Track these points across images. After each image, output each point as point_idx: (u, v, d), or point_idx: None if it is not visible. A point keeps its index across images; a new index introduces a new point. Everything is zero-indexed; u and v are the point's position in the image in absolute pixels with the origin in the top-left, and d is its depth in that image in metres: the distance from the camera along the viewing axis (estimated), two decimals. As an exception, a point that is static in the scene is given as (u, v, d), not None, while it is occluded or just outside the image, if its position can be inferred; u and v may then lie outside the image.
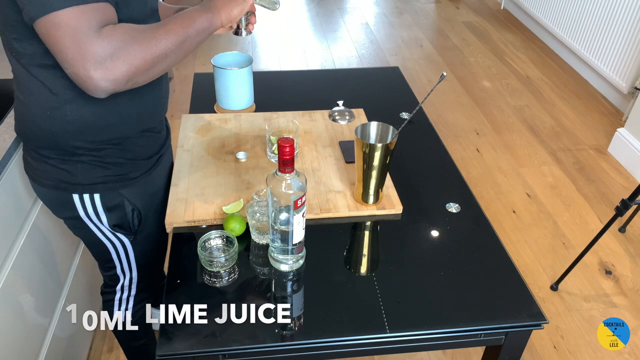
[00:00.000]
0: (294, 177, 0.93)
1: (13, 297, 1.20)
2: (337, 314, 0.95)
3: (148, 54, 0.86)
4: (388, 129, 1.12)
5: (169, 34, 0.89)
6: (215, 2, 0.97)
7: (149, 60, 0.87)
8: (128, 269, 1.26)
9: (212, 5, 0.97)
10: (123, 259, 1.24)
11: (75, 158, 1.02)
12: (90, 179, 1.06)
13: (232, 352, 0.91)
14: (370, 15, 4.44)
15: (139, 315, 1.38)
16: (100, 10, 0.83)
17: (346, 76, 1.80)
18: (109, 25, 0.84)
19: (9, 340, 1.18)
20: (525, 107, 3.11)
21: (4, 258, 1.18)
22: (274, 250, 1.02)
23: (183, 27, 0.91)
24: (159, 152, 1.17)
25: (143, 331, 1.46)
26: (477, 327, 0.94)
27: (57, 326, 1.41)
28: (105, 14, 0.84)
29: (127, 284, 1.30)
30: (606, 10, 3.02)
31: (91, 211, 1.10)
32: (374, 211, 1.17)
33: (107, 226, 1.14)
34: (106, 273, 1.29)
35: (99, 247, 1.20)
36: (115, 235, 1.17)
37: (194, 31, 0.93)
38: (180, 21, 0.91)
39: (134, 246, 1.21)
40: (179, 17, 0.92)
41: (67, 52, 0.80)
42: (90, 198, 1.08)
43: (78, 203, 1.08)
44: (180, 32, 0.91)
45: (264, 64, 3.61)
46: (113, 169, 1.06)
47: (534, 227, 2.24)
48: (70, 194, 1.07)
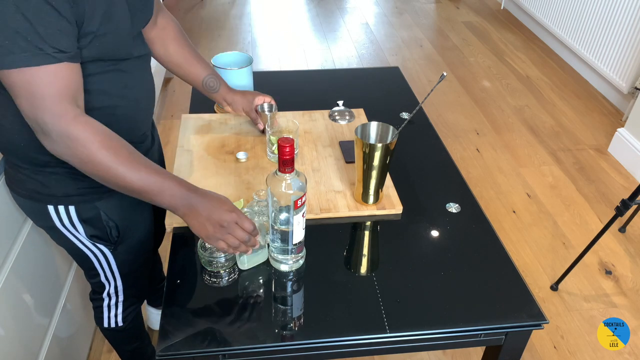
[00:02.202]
0: (294, 177, 0.93)
1: (13, 297, 1.20)
2: (337, 314, 0.95)
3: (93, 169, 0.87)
4: (388, 129, 1.12)
5: (127, 170, 0.87)
6: (197, 203, 0.91)
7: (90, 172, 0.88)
8: (112, 278, 1.23)
9: (193, 202, 0.91)
10: (106, 268, 1.21)
11: (47, 169, 1.00)
12: (63, 191, 1.03)
13: (232, 352, 0.91)
14: (370, 15, 4.44)
15: (129, 319, 1.36)
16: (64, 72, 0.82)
17: (346, 76, 1.80)
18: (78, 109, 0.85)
19: (9, 340, 1.18)
20: (525, 107, 3.11)
21: (4, 258, 1.18)
22: (274, 250, 1.02)
23: (146, 188, 0.89)
24: None
25: (136, 334, 1.44)
26: (477, 327, 0.94)
27: (57, 326, 1.41)
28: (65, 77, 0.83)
29: (112, 291, 1.27)
30: (606, 10, 3.02)
31: (67, 222, 1.08)
32: (374, 211, 1.17)
33: (84, 236, 1.11)
34: (91, 280, 1.27)
35: (80, 255, 1.17)
36: (94, 245, 1.14)
37: (150, 194, 0.90)
38: (151, 173, 0.89)
39: (115, 256, 1.18)
40: (155, 169, 0.90)
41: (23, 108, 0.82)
42: (65, 209, 1.06)
43: (53, 214, 1.06)
44: (136, 180, 0.88)
45: (264, 64, 3.61)
46: (86, 181, 1.01)
47: (534, 227, 2.24)
48: (45, 204, 1.05)
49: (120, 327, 1.35)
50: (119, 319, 1.34)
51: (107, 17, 0.87)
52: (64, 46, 0.82)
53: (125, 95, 1.00)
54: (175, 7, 4.43)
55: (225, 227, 0.91)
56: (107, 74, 0.95)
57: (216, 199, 0.93)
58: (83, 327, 1.62)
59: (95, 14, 0.85)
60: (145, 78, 1.08)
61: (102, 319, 1.34)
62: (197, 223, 0.92)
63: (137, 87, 1.04)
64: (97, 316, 1.35)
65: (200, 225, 0.91)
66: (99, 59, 0.92)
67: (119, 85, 0.98)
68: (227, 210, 0.92)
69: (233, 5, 4.56)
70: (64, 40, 0.81)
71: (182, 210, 0.92)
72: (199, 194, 0.92)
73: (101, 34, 0.88)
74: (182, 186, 0.92)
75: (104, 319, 1.34)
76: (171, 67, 1.25)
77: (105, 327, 1.35)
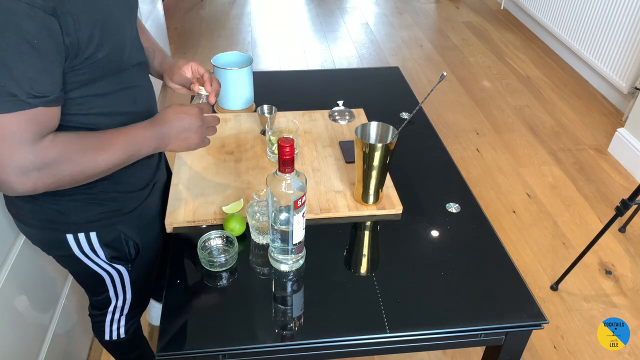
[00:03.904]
0: (294, 177, 0.93)
1: (13, 297, 1.20)
2: (337, 314, 0.95)
3: (79, 174, 0.85)
4: (388, 129, 1.12)
5: (110, 156, 0.87)
6: (168, 128, 0.93)
7: (78, 178, 0.86)
8: (122, 293, 1.22)
9: (164, 131, 0.93)
10: (118, 286, 1.19)
11: (66, 197, 0.97)
12: (84, 218, 1.01)
13: (232, 352, 0.91)
14: (370, 15, 4.44)
15: (132, 330, 1.34)
16: (37, 117, 0.78)
17: (346, 76, 1.80)
18: (49, 134, 0.81)
19: (9, 340, 1.18)
20: (525, 107, 3.10)
21: (4, 258, 1.18)
22: (274, 250, 1.02)
23: (126, 152, 0.90)
24: (154, 178, 1.13)
25: (137, 343, 1.43)
26: (477, 327, 0.94)
27: (57, 326, 1.41)
28: (41, 121, 0.79)
29: (120, 305, 1.25)
30: (606, 10, 3.02)
31: (87, 249, 1.06)
32: (374, 211, 1.17)
33: (104, 259, 1.10)
34: (96, 297, 1.23)
35: (91, 277, 1.15)
36: (111, 266, 1.13)
37: (135, 156, 0.92)
38: (125, 143, 0.89)
39: (130, 273, 1.17)
40: (123, 136, 0.90)
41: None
42: (86, 236, 1.04)
43: (73, 242, 1.04)
44: (121, 157, 0.89)
45: (264, 64, 3.61)
46: (108, 204, 1.02)
47: (534, 227, 2.24)
48: (64, 234, 1.02)
49: (122, 338, 1.34)
50: (121, 331, 1.32)
51: (106, 35, 0.84)
52: (43, 90, 0.78)
53: (137, 110, 0.99)
54: (175, 7, 4.43)
55: (202, 125, 0.96)
56: (116, 94, 0.94)
57: (172, 113, 0.94)
58: (83, 327, 1.62)
59: (92, 38, 0.82)
60: (149, 88, 1.07)
61: (103, 332, 1.32)
62: (181, 142, 0.95)
63: (144, 99, 1.03)
64: (97, 330, 1.33)
65: (186, 142, 0.95)
66: (106, 75, 0.90)
67: (131, 101, 0.98)
68: (189, 113, 0.95)
69: (233, 5, 4.56)
70: (43, 83, 0.77)
71: (162, 144, 0.94)
72: (159, 122, 0.93)
73: (103, 55, 0.85)
74: (147, 128, 0.92)
75: (105, 333, 1.31)
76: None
77: (106, 339, 1.33)
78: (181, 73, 1.12)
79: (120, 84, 0.94)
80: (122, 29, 0.90)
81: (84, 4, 0.80)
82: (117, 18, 0.88)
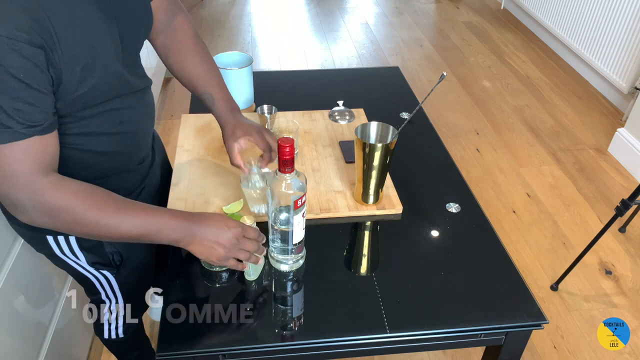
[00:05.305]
0: (294, 177, 0.93)
1: (13, 297, 1.20)
2: (337, 314, 0.95)
3: (82, 230, 0.83)
4: (388, 129, 1.12)
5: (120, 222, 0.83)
6: (197, 233, 0.88)
7: (78, 233, 0.85)
8: (113, 297, 1.21)
9: (192, 232, 0.88)
10: (108, 290, 1.18)
11: None
12: None
13: (232, 352, 0.91)
14: (370, 15, 4.44)
15: (130, 330, 1.34)
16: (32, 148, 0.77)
17: (346, 76, 1.80)
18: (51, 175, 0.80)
19: (9, 340, 1.18)
20: (525, 107, 3.11)
21: (4, 258, 1.18)
22: (274, 250, 1.02)
23: (143, 231, 0.85)
24: (141, 184, 1.10)
25: (137, 343, 1.43)
26: (477, 327, 0.94)
27: (57, 326, 1.41)
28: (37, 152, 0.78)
29: (114, 307, 1.25)
30: (606, 10, 3.02)
31: (67, 251, 1.05)
32: (374, 211, 1.17)
33: (86, 263, 1.09)
34: (92, 297, 1.24)
35: (82, 279, 1.15)
36: (97, 270, 1.12)
37: (148, 239, 0.87)
38: (145, 222, 0.85)
39: (117, 278, 1.16)
40: (146, 215, 0.85)
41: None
42: (65, 239, 1.03)
43: (53, 244, 1.04)
44: (133, 234, 0.85)
45: (264, 64, 3.61)
46: None
47: (534, 227, 2.24)
48: (44, 235, 1.02)
49: (122, 338, 1.34)
50: (119, 331, 1.32)
51: (89, 69, 0.82)
52: (35, 119, 0.76)
53: (122, 130, 0.96)
54: (175, 7, 4.43)
55: (235, 244, 0.90)
56: (101, 116, 0.90)
57: (216, 219, 0.90)
58: (83, 327, 1.62)
59: (74, 71, 0.80)
60: (144, 107, 1.03)
61: (102, 331, 1.32)
62: (204, 249, 0.90)
63: (135, 119, 0.99)
64: (97, 327, 1.33)
65: (209, 250, 0.90)
66: (91, 105, 0.87)
67: (116, 122, 0.94)
68: (231, 227, 0.90)
69: (233, 5, 4.56)
70: (35, 113, 0.76)
71: (185, 241, 0.89)
72: (196, 220, 0.89)
73: (86, 89, 0.83)
74: (178, 218, 0.88)
75: (104, 331, 1.32)
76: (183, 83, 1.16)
77: (105, 338, 1.34)
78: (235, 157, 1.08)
79: (109, 108, 0.91)
80: (112, 66, 0.87)
81: (71, 41, 0.78)
82: (107, 55, 0.86)
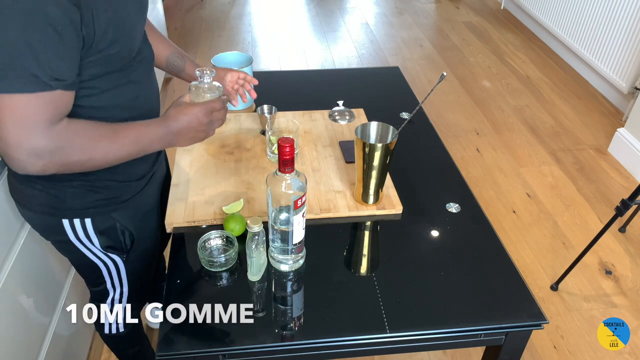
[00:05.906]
0: (294, 177, 0.93)
1: (13, 297, 1.20)
2: (337, 314, 0.95)
3: (88, 161, 0.87)
4: (388, 129, 1.12)
5: (120, 148, 0.90)
6: (178, 127, 0.96)
7: (86, 165, 0.88)
8: (119, 285, 1.22)
9: (174, 129, 0.95)
10: (114, 276, 1.20)
11: (64, 183, 0.99)
12: (80, 204, 1.03)
13: (232, 352, 0.91)
14: (370, 15, 4.44)
15: (130, 325, 1.35)
16: (56, 100, 0.81)
17: (346, 76, 1.80)
18: (64, 120, 0.83)
19: (9, 340, 1.18)
20: (525, 107, 3.10)
21: (4, 257, 1.18)
22: (274, 250, 1.02)
23: (138, 145, 0.92)
24: (152, 169, 1.14)
25: (137, 339, 1.43)
26: (477, 327, 0.94)
27: (57, 326, 1.41)
28: (59, 104, 0.82)
29: (117, 297, 1.25)
30: (606, 10, 3.02)
31: (82, 235, 1.07)
32: (374, 211, 1.17)
33: (99, 247, 1.11)
34: (95, 288, 1.25)
35: (89, 266, 1.16)
36: (107, 256, 1.14)
37: (145, 151, 0.95)
38: (136, 137, 0.92)
39: (126, 264, 1.18)
40: (136, 131, 0.92)
41: (6, 133, 0.78)
42: (81, 222, 1.05)
43: (68, 228, 1.05)
44: (132, 150, 0.92)
45: (264, 64, 3.61)
46: (104, 192, 1.03)
47: (534, 227, 2.24)
48: (60, 219, 1.04)
49: (121, 332, 1.34)
50: (120, 325, 1.32)
51: (119, 34, 0.87)
52: (62, 74, 0.80)
53: (136, 106, 1.00)
54: (175, 7, 4.43)
55: (209, 122, 0.98)
56: (119, 88, 0.95)
57: (186, 110, 0.96)
58: (83, 327, 1.62)
59: (106, 33, 0.84)
60: (153, 86, 1.08)
61: (102, 326, 1.32)
62: (190, 139, 0.98)
63: (147, 97, 1.04)
64: (97, 323, 1.33)
65: (194, 138, 0.98)
66: (114, 70, 0.92)
67: (132, 97, 0.99)
68: (198, 112, 0.96)
69: (233, 5, 4.56)
70: (63, 67, 0.80)
71: (172, 142, 0.97)
72: (172, 119, 0.95)
73: (114, 51, 0.88)
74: (160, 125, 0.95)
75: (104, 326, 1.32)
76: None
77: (105, 333, 1.34)
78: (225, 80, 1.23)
79: (123, 78, 0.95)
80: (134, 30, 0.94)
81: (104, 2, 0.83)
82: (132, 19, 0.92)
